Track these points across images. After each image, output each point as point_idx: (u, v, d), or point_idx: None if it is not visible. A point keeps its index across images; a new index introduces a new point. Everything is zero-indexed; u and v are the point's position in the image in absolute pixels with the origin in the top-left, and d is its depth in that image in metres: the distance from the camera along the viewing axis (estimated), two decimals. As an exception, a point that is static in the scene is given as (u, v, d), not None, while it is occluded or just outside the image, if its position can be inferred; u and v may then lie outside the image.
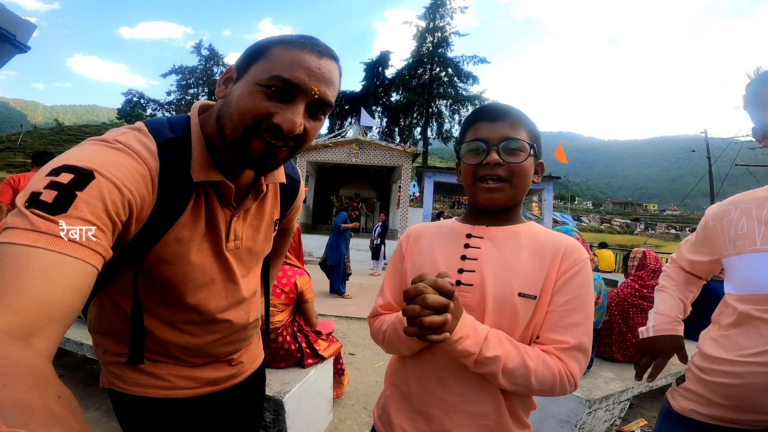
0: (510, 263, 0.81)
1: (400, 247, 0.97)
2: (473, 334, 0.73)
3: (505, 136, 0.81)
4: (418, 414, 0.84)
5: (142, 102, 41.61)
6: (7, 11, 0.93)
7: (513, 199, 0.84)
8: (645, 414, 2.83)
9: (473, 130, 0.85)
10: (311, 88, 0.69)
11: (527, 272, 0.79)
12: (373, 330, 0.94)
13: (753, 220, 1.00)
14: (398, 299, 0.93)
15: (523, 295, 0.78)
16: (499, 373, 0.74)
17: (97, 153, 0.62)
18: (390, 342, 0.87)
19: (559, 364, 0.76)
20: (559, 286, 0.79)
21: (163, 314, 0.83)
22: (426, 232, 0.96)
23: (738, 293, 1.01)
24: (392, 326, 0.85)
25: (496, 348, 0.74)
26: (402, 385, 0.89)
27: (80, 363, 3.11)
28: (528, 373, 0.74)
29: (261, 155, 0.72)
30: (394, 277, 0.96)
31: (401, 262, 0.95)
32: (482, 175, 0.82)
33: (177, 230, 0.75)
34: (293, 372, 2.07)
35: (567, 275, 0.79)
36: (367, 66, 32.65)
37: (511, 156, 0.81)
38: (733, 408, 0.98)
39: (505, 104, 0.87)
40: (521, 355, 0.75)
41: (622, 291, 2.71)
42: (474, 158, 0.83)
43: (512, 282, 0.79)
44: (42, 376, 0.37)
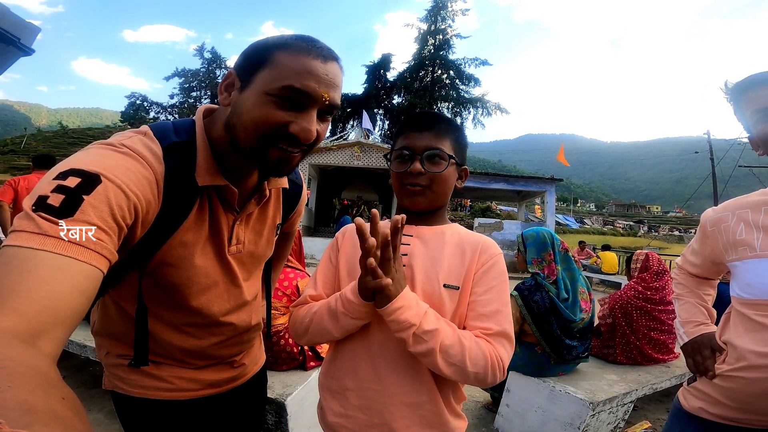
0: (436, 258, 0.88)
1: (336, 243, 0.99)
2: (415, 306, 0.78)
3: (429, 146, 0.88)
4: (357, 410, 0.85)
5: (146, 105, 41.84)
6: (12, 14, 0.94)
7: (434, 203, 0.92)
8: (649, 416, 2.82)
9: (403, 137, 0.92)
10: (322, 95, 0.70)
11: (450, 266, 0.87)
12: (299, 315, 0.91)
13: (750, 226, 1.01)
14: (330, 292, 0.94)
15: (447, 286, 0.85)
16: (437, 349, 0.76)
17: (104, 157, 0.62)
18: (319, 323, 0.86)
19: (489, 346, 0.79)
20: (478, 277, 0.86)
21: (167, 317, 0.83)
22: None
23: (741, 297, 1.02)
24: (326, 305, 0.86)
25: (435, 322, 0.78)
26: (335, 383, 0.89)
27: (83, 365, 3.12)
28: (463, 351, 0.76)
29: (277, 162, 0.73)
30: (327, 271, 0.96)
31: (336, 257, 0.96)
32: (406, 183, 0.89)
33: (182, 234, 0.75)
34: (295, 374, 2.07)
35: (484, 267, 0.87)
36: (368, 69, 32.75)
37: (433, 165, 0.88)
38: (737, 409, 1.00)
39: (434, 113, 0.96)
40: (456, 334, 0.79)
41: (626, 293, 2.70)
42: (400, 166, 0.90)
43: (438, 274, 0.86)
44: (47, 378, 0.37)
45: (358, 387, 0.85)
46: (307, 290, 0.96)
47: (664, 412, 2.87)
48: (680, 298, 1.30)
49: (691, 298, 1.26)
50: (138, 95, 42.72)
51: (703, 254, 1.20)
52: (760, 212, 1.00)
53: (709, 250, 1.16)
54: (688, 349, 1.19)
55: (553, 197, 15.18)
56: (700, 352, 1.13)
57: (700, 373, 1.12)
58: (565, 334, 2.20)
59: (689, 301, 1.26)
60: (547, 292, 2.19)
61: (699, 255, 1.22)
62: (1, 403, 0.31)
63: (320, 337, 0.88)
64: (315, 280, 0.97)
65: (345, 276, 0.92)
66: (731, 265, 1.06)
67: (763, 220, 0.98)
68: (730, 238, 1.05)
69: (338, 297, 0.84)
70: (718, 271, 1.22)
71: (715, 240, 1.11)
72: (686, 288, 1.29)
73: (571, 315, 2.18)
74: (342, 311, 0.82)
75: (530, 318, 2.22)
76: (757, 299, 0.97)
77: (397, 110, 31.03)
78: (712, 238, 1.12)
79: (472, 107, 30.12)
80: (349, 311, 0.81)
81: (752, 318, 0.98)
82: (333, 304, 0.84)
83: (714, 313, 1.26)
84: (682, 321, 1.25)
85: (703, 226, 1.17)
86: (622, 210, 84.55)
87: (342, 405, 0.87)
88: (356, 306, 0.80)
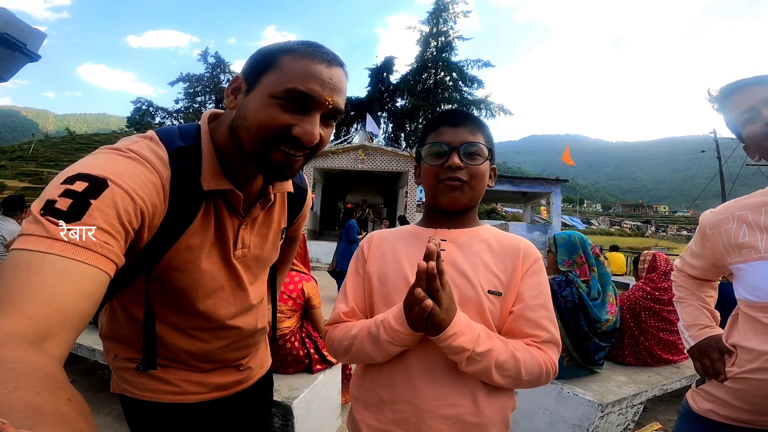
0: (475, 263, 0.85)
1: (362, 253, 0.96)
2: (468, 330, 0.76)
3: (466, 140, 0.86)
4: (392, 423, 0.82)
5: (151, 110, 42.15)
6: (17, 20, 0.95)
7: (472, 201, 0.90)
8: (660, 417, 2.79)
9: (435, 134, 0.89)
10: (326, 98, 0.71)
11: (492, 271, 0.85)
12: (337, 336, 0.88)
13: (753, 228, 1.00)
14: (362, 306, 0.92)
15: (491, 292, 0.83)
16: (492, 367, 0.76)
17: (111, 162, 0.63)
18: (360, 348, 0.83)
19: (542, 354, 0.80)
20: (525, 283, 0.85)
21: (174, 321, 0.84)
22: (387, 237, 0.97)
23: (748, 300, 1.01)
24: (366, 330, 0.82)
25: (487, 342, 0.77)
26: (370, 396, 0.86)
27: (92, 368, 3.14)
28: (518, 364, 0.77)
29: (280, 165, 0.73)
30: (356, 283, 0.94)
31: (363, 268, 0.94)
32: (444, 177, 0.86)
33: (187, 238, 0.76)
34: (302, 377, 2.07)
35: (529, 272, 0.86)
36: (371, 72, 32.83)
37: (471, 159, 0.86)
38: (747, 410, 0.99)
39: (465, 111, 0.94)
40: (509, 348, 0.78)
41: (634, 294, 2.67)
42: (436, 160, 0.88)
43: (481, 281, 0.83)
44: (53, 379, 0.38)
45: (394, 400, 0.82)
46: (339, 306, 0.93)
47: (674, 413, 2.84)
48: (682, 301, 1.28)
49: (694, 301, 1.25)
50: (143, 100, 43.04)
51: (703, 256, 1.18)
52: (760, 213, 0.99)
53: (709, 253, 1.14)
54: (695, 353, 1.17)
55: (558, 198, 15.11)
56: (707, 355, 1.12)
57: (709, 377, 1.10)
58: (592, 332, 2.21)
59: (692, 304, 1.25)
60: (577, 288, 2.20)
61: (699, 257, 1.20)
62: (8, 405, 0.31)
63: (363, 361, 0.86)
64: (345, 294, 0.94)
65: (377, 286, 0.89)
66: (734, 268, 1.05)
67: (765, 221, 0.97)
68: (731, 241, 1.04)
69: (380, 324, 0.80)
70: (718, 272, 1.21)
71: (716, 242, 1.09)
72: (687, 290, 1.27)
73: (597, 314, 2.18)
74: (386, 339, 0.78)
75: (556, 313, 2.23)
76: (765, 302, 0.96)
77: (400, 113, 31.07)
78: (712, 240, 1.11)
79: (475, 109, 30.06)
80: (394, 340, 0.78)
81: (761, 320, 0.97)
82: (374, 331, 0.80)
83: (717, 315, 1.24)
84: (686, 324, 1.24)
85: (702, 229, 1.16)
86: (629, 210, 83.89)
87: (377, 419, 0.84)
88: (403, 335, 0.76)
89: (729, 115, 1.06)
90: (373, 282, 0.90)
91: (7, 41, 0.87)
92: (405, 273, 0.87)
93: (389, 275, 0.88)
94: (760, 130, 0.96)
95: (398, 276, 0.87)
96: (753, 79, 1.00)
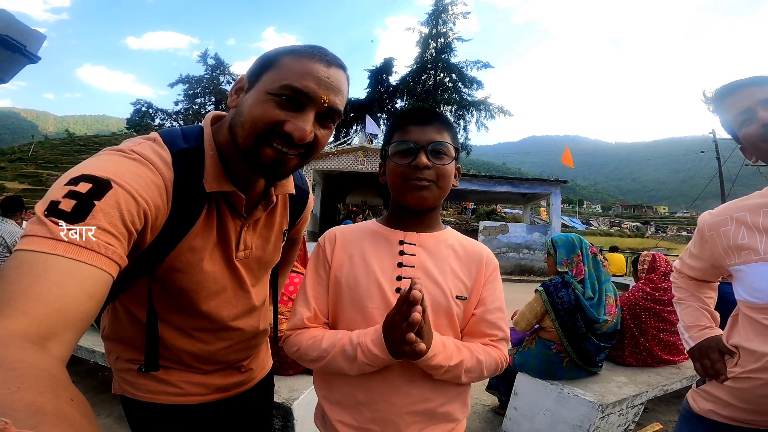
0: (444, 269, 0.89)
1: (323, 252, 0.92)
2: (443, 350, 0.80)
3: (433, 139, 0.86)
4: (371, 422, 0.84)
5: (151, 112, 42.12)
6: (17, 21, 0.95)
7: (438, 201, 0.90)
8: (660, 418, 2.79)
9: (402, 132, 0.88)
10: (321, 96, 0.71)
11: (459, 277, 0.89)
12: (303, 345, 0.85)
13: (752, 229, 1.00)
14: (324, 310, 0.90)
15: (459, 297, 0.88)
16: (462, 373, 0.83)
17: (114, 163, 0.63)
18: (332, 363, 0.81)
19: (497, 352, 0.88)
20: (486, 288, 0.91)
21: (176, 322, 0.84)
22: (351, 237, 0.93)
23: (748, 301, 1.01)
24: (341, 348, 0.81)
25: (458, 355, 0.83)
26: (345, 397, 0.86)
27: (92, 370, 3.14)
28: (481, 367, 0.85)
29: (272, 163, 0.73)
30: (318, 286, 0.90)
31: (325, 270, 0.91)
32: (411, 177, 0.85)
33: (190, 239, 0.76)
34: (302, 379, 2.07)
35: (491, 278, 0.92)
36: (371, 73, 32.84)
37: (438, 159, 0.86)
38: (748, 410, 0.99)
39: (432, 109, 0.94)
40: (474, 355, 0.85)
41: (633, 295, 2.67)
42: (403, 159, 0.86)
43: (449, 286, 0.87)
44: (56, 379, 0.38)
45: (371, 400, 0.84)
46: (301, 310, 0.89)
47: (675, 413, 2.84)
48: (682, 302, 1.28)
49: (693, 302, 1.25)
50: (143, 102, 43.01)
51: (702, 258, 1.18)
52: (759, 215, 0.99)
53: (708, 254, 1.14)
54: (696, 354, 1.18)
55: (558, 199, 15.10)
56: (708, 356, 1.12)
57: (710, 377, 1.10)
58: (590, 333, 2.21)
59: (691, 305, 1.25)
60: (573, 289, 2.22)
61: (698, 259, 1.20)
62: (10, 404, 0.31)
63: (333, 372, 0.85)
64: (306, 296, 0.90)
65: (346, 291, 0.87)
66: (734, 269, 1.05)
67: (764, 223, 0.97)
68: (731, 242, 1.04)
69: (357, 346, 0.79)
70: (717, 274, 1.21)
71: (715, 244, 1.09)
72: (687, 292, 1.27)
73: (595, 314, 2.19)
74: (364, 361, 0.78)
75: (554, 314, 2.24)
76: (765, 303, 0.96)
77: (400, 114, 31.03)
78: (711, 242, 1.11)
79: (475, 110, 30.09)
80: (372, 362, 0.78)
81: (761, 322, 0.97)
82: (350, 351, 0.79)
83: (717, 316, 1.24)
84: (686, 325, 1.24)
85: (700, 230, 1.16)
86: (628, 211, 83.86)
87: (355, 418, 0.85)
88: (381, 359, 0.78)
89: (725, 116, 1.06)
90: (341, 286, 0.88)
91: (7, 43, 0.88)
92: (377, 278, 0.86)
93: (360, 280, 0.87)
94: (757, 131, 0.97)
95: (369, 281, 0.86)
96: (748, 80, 1.00)
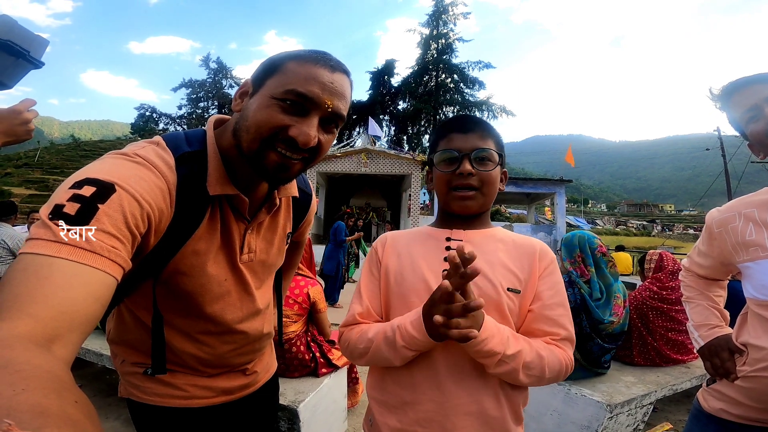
0: (492, 262, 0.86)
1: (376, 254, 0.96)
2: (497, 333, 0.76)
3: (476, 146, 0.86)
4: (415, 423, 0.82)
5: (155, 116, 42.41)
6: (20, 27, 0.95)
7: (484, 207, 0.90)
8: (670, 418, 2.76)
9: (446, 140, 0.89)
10: (325, 101, 0.71)
11: (510, 269, 0.86)
12: (353, 339, 0.88)
13: (760, 225, 0.99)
14: (377, 307, 0.92)
15: (511, 290, 0.84)
16: (520, 368, 0.77)
17: (118, 166, 0.64)
18: (377, 352, 0.83)
19: (561, 352, 0.83)
20: (543, 281, 0.86)
21: (181, 325, 0.84)
22: (401, 238, 0.97)
23: (756, 298, 1.00)
24: (383, 335, 0.82)
25: (516, 344, 0.78)
26: (392, 398, 0.86)
27: (99, 373, 3.16)
28: (542, 363, 0.79)
29: (276, 167, 0.73)
30: (371, 284, 0.94)
31: (377, 269, 0.94)
32: (456, 185, 0.87)
33: (194, 243, 0.76)
34: (307, 381, 2.07)
35: (547, 271, 0.87)
36: (372, 75, 32.95)
37: (482, 165, 0.87)
38: (759, 409, 0.99)
39: (475, 116, 0.95)
40: (534, 348, 0.80)
41: (641, 294, 2.65)
42: (447, 166, 0.88)
43: (499, 278, 0.84)
44: (61, 381, 0.38)
45: (417, 400, 0.82)
46: (354, 307, 0.92)
47: (685, 413, 2.81)
48: (691, 301, 1.27)
49: (702, 301, 1.24)
50: (147, 107, 43.26)
51: (710, 256, 1.17)
52: (767, 211, 0.98)
53: (717, 252, 1.13)
54: (705, 353, 1.17)
55: (563, 199, 15.04)
56: (718, 355, 1.11)
57: (720, 376, 1.09)
58: (595, 333, 2.19)
59: (701, 304, 1.24)
60: (579, 289, 2.20)
61: (706, 256, 1.19)
62: (15, 406, 0.31)
63: (380, 364, 0.87)
64: (360, 295, 0.93)
65: (394, 286, 0.89)
66: (743, 266, 1.04)
67: None
68: (739, 239, 1.03)
69: (396, 329, 0.80)
70: (726, 271, 1.20)
71: (723, 241, 1.09)
72: (696, 290, 1.27)
73: (600, 315, 2.17)
74: (402, 345, 0.78)
75: None
76: None
77: (402, 116, 31.12)
78: (719, 239, 1.10)
79: (477, 111, 30.08)
80: (410, 345, 0.78)
81: None
82: (391, 336, 0.80)
83: (727, 315, 1.23)
84: (696, 324, 1.23)
85: (708, 228, 1.15)
86: (634, 210, 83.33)
87: (399, 419, 0.84)
88: (420, 342, 0.77)
89: (732, 113, 1.05)
90: (389, 282, 0.90)
91: (11, 48, 0.89)
92: (422, 273, 0.87)
93: (406, 275, 0.88)
94: (764, 128, 0.96)
95: (415, 276, 0.87)
96: (755, 77, 1.00)
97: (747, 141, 1.06)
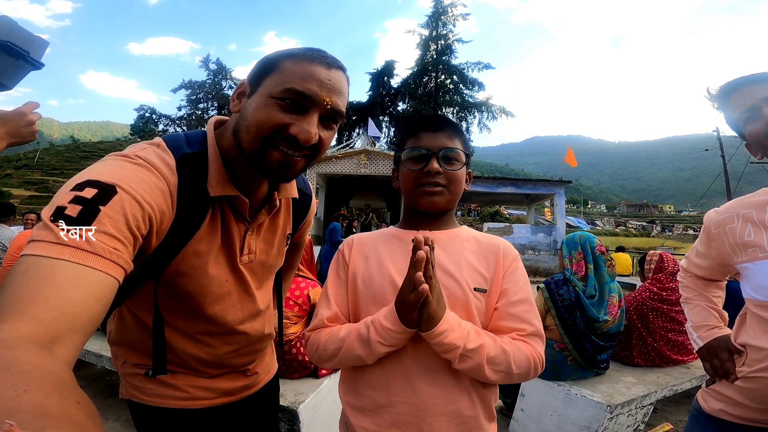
0: (459, 262, 0.87)
1: (342, 257, 0.96)
2: (458, 327, 0.78)
3: (445, 145, 0.88)
4: (392, 426, 0.82)
5: (154, 117, 42.40)
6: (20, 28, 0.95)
7: (450, 204, 0.92)
8: (670, 418, 2.76)
9: (415, 138, 0.91)
10: (323, 98, 0.71)
11: (476, 269, 0.87)
12: (322, 340, 0.87)
13: (758, 226, 0.99)
14: (345, 310, 0.91)
15: (477, 289, 0.85)
16: (484, 363, 0.78)
17: (119, 168, 0.64)
18: (349, 351, 0.82)
19: (528, 347, 0.82)
20: (507, 279, 0.88)
21: (182, 326, 0.84)
22: (367, 240, 0.97)
23: (755, 299, 1.01)
24: (356, 333, 0.82)
25: (478, 339, 0.79)
26: (365, 401, 0.86)
27: (100, 374, 3.16)
28: (508, 358, 0.79)
29: (279, 166, 0.74)
30: (338, 288, 0.93)
31: (345, 272, 0.94)
32: (423, 182, 0.88)
33: (195, 244, 0.77)
34: (307, 382, 2.07)
35: (510, 269, 0.89)
36: (372, 76, 32.95)
37: (449, 164, 0.89)
38: (758, 409, 0.99)
39: (444, 116, 0.96)
40: (499, 344, 0.81)
41: (641, 295, 2.65)
42: (415, 164, 0.89)
43: (466, 278, 0.85)
44: (62, 382, 0.38)
45: (391, 403, 0.82)
46: (322, 311, 0.91)
47: (685, 413, 2.81)
48: (689, 302, 1.28)
49: (701, 302, 1.24)
50: (146, 108, 43.22)
51: (709, 256, 1.17)
52: (765, 212, 0.99)
53: (715, 253, 1.14)
54: (705, 354, 1.17)
55: (562, 199, 15.02)
56: (717, 356, 1.11)
57: (719, 377, 1.09)
58: (590, 331, 2.20)
59: (699, 305, 1.24)
60: (574, 286, 2.22)
61: (705, 257, 1.20)
62: (17, 407, 0.32)
63: (349, 364, 0.86)
64: (327, 298, 0.93)
65: (362, 289, 0.89)
66: (741, 267, 1.04)
67: None
68: (737, 240, 1.03)
69: (370, 325, 0.81)
70: (725, 272, 1.20)
71: (721, 242, 1.09)
72: (694, 291, 1.27)
73: (594, 313, 2.18)
74: (377, 339, 0.79)
75: (554, 311, 2.25)
76: None
77: (402, 117, 31.10)
78: (718, 240, 1.10)
79: (477, 111, 30.09)
80: (385, 339, 0.78)
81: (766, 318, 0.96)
82: (365, 332, 0.81)
83: (725, 315, 1.23)
84: (695, 325, 1.23)
85: (707, 228, 1.15)
86: (633, 210, 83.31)
87: (375, 422, 0.84)
88: (394, 333, 0.78)
89: (730, 113, 1.05)
90: (357, 285, 0.90)
91: (11, 49, 0.89)
92: (390, 275, 0.87)
93: (374, 278, 0.88)
94: (762, 128, 0.96)
95: (383, 278, 0.87)
96: (752, 77, 1.00)
97: (745, 141, 1.06)
